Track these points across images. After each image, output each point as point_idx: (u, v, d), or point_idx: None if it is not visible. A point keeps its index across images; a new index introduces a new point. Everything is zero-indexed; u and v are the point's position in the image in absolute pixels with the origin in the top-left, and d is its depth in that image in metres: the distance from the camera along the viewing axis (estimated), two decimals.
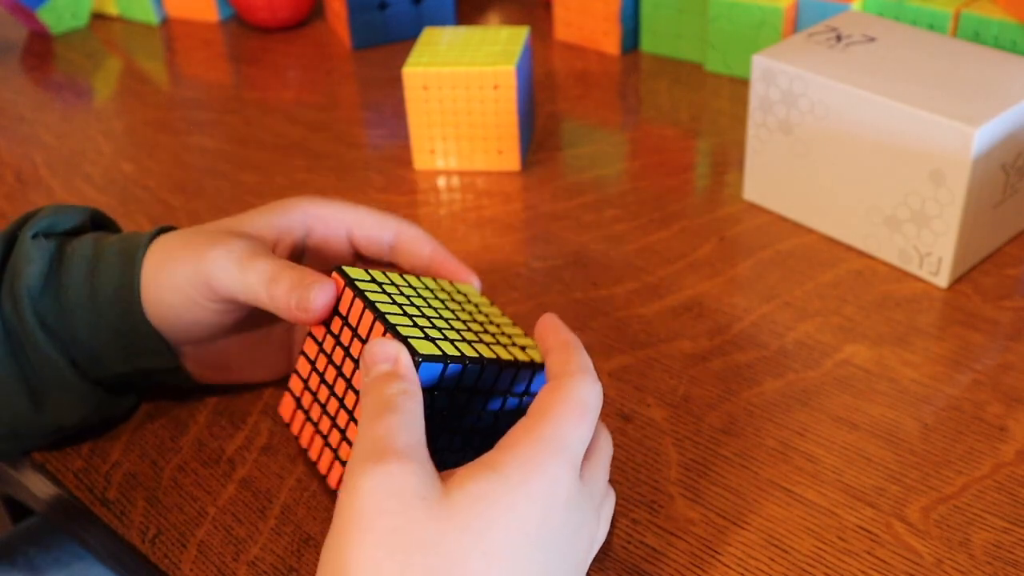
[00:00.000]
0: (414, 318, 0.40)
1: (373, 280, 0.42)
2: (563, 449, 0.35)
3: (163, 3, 0.98)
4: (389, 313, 0.40)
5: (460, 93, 0.66)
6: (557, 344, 0.40)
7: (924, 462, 0.46)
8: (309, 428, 0.43)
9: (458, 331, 0.41)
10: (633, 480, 0.46)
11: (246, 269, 0.43)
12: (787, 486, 0.45)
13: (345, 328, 0.41)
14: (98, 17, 1.00)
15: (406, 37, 0.89)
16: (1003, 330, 0.53)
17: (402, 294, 0.42)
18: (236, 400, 0.51)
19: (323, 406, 0.42)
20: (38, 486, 0.50)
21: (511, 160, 0.69)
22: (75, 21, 0.97)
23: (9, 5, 0.94)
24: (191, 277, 0.44)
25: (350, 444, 0.41)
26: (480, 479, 0.34)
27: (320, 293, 0.41)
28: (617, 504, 0.45)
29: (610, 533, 0.43)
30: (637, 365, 0.52)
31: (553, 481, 0.35)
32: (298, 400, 0.44)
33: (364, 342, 0.40)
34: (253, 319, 0.48)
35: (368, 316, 0.40)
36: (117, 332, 0.46)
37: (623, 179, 0.69)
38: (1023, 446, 0.46)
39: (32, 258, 0.45)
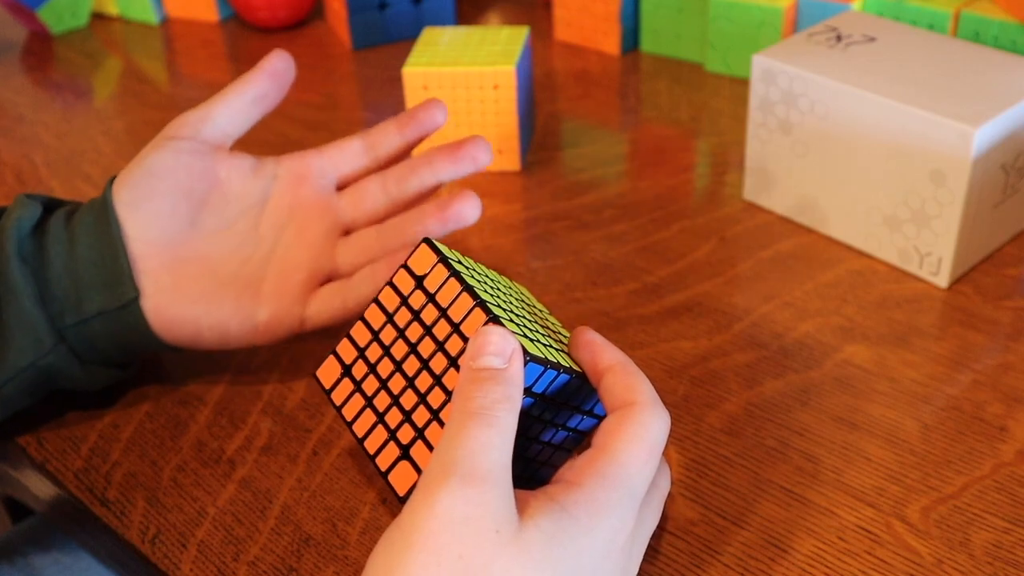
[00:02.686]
0: (509, 313, 0.38)
1: (460, 261, 0.40)
2: (629, 490, 0.35)
3: (163, 3, 0.98)
4: (490, 303, 0.37)
5: (460, 93, 0.66)
6: (613, 365, 0.38)
7: (924, 462, 0.46)
8: (359, 403, 0.40)
9: (544, 336, 0.39)
10: None
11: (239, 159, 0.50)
12: (787, 486, 0.45)
13: (430, 306, 0.38)
14: (98, 17, 1.00)
15: (406, 37, 0.89)
16: (1003, 330, 0.53)
17: (488, 283, 0.39)
18: (236, 400, 0.51)
19: (385, 386, 0.39)
20: (38, 486, 0.50)
21: (511, 160, 0.69)
22: (75, 21, 0.97)
23: (9, 5, 0.94)
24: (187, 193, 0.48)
25: (429, 446, 0.37)
26: (553, 518, 0.33)
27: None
28: None
29: None
30: (637, 365, 0.52)
31: (618, 525, 0.35)
32: (348, 369, 0.41)
33: (455, 327, 0.37)
34: (217, 227, 0.49)
35: (466, 299, 0.37)
36: (87, 259, 0.47)
37: (623, 179, 0.69)
38: (1023, 446, 0.46)
39: (25, 204, 0.48)
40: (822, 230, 0.61)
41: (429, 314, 0.38)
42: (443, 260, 0.39)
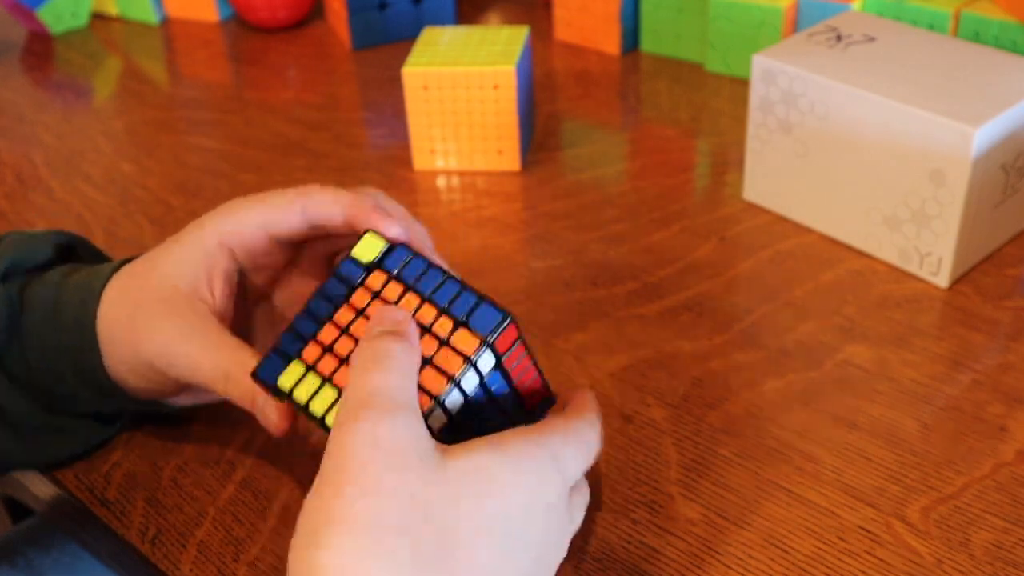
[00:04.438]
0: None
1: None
2: (558, 462, 0.36)
3: (163, 3, 0.98)
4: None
5: (460, 93, 0.66)
6: (578, 395, 0.41)
7: (924, 462, 0.46)
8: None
9: None
10: (633, 480, 0.46)
11: (200, 366, 0.41)
12: (787, 486, 0.45)
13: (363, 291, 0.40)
14: (98, 17, 0.99)
15: (406, 37, 0.88)
16: (1003, 330, 0.53)
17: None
18: None
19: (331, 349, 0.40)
20: (38, 486, 0.50)
21: (511, 160, 0.69)
22: (75, 21, 0.97)
23: (9, 5, 0.94)
24: (148, 365, 0.43)
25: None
26: (483, 452, 0.34)
27: (275, 423, 0.40)
28: (617, 504, 0.45)
29: (591, 533, 0.43)
30: (637, 365, 0.52)
31: (545, 481, 0.35)
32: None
33: (441, 308, 0.38)
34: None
35: (412, 296, 0.39)
36: (81, 382, 0.45)
37: (623, 179, 0.69)
38: (1023, 446, 0.46)
39: None
40: (822, 230, 0.61)
41: (384, 301, 0.39)
42: (388, 249, 0.40)
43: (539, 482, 0.35)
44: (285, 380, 0.39)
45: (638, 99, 0.79)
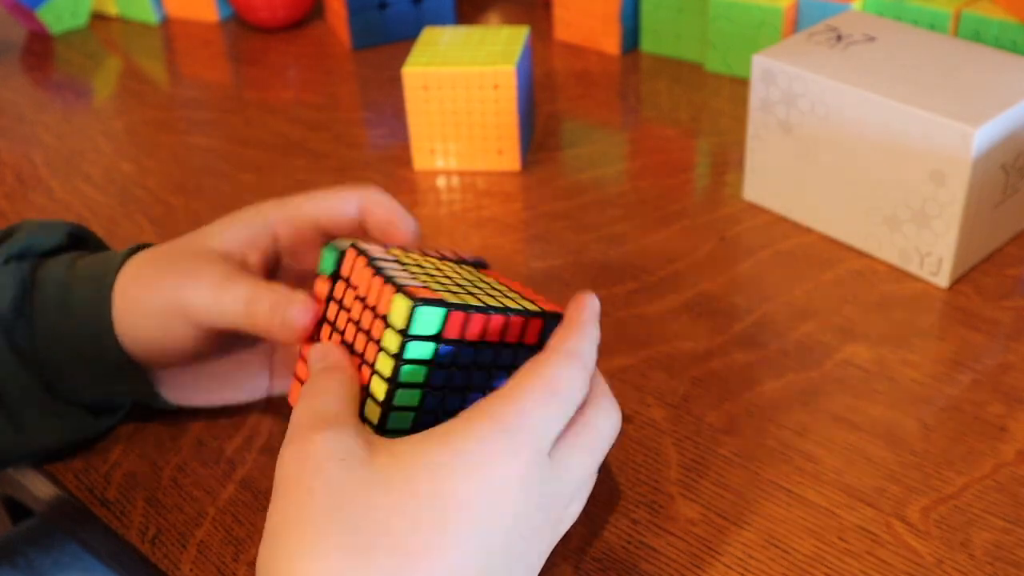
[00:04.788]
0: (421, 279, 0.39)
1: (388, 255, 0.41)
2: (519, 430, 0.34)
3: (163, 3, 0.98)
4: (395, 274, 0.39)
5: (460, 93, 0.66)
6: (568, 321, 0.39)
7: (924, 462, 0.46)
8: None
9: (467, 290, 0.40)
10: (633, 480, 0.46)
11: (222, 295, 0.42)
12: (787, 486, 0.45)
13: (349, 293, 0.40)
14: (98, 17, 1.00)
15: (406, 37, 0.88)
16: (1003, 330, 0.53)
17: (419, 266, 0.41)
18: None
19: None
20: (38, 486, 0.50)
21: (511, 160, 0.69)
22: (75, 21, 0.97)
23: (9, 5, 0.94)
24: (166, 306, 0.43)
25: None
26: (417, 443, 0.34)
27: (301, 311, 0.41)
28: (617, 504, 0.45)
29: (599, 529, 0.44)
30: (637, 365, 0.52)
31: (502, 461, 0.34)
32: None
33: (370, 307, 0.39)
34: (231, 341, 0.47)
35: (376, 279, 0.38)
36: (90, 359, 0.45)
37: (623, 179, 0.69)
38: (1023, 446, 0.46)
39: (4, 283, 0.45)
40: (822, 230, 0.61)
41: (350, 302, 0.40)
42: (360, 253, 0.40)
43: (494, 464, 0.34)
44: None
45: (638, 99, 0.79)
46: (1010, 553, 0.42)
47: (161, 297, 0.44)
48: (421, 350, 0.37)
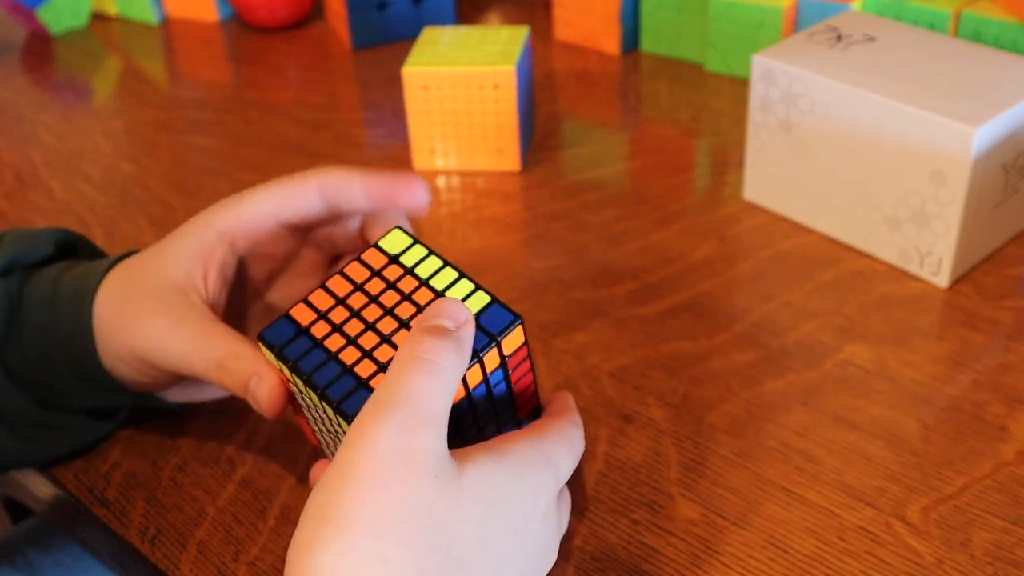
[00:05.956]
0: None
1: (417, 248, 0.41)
2: (553, 465, 0.37)
3: (163, 3, 0.98)
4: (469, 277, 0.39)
5: (460, 93, 0.66)
6: (559, 397, 0.42)
7: (924, 462, 0.46)
8: (321, 357, 0.39)
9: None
10: (633, 480, 0.46)
11: (191, 357, 0.41)
12: (787, 486, 0.45)
13: (408, 277, 0.39)
14: (98, 17, 0.99)
15: (406, 37, 0.88)
16: (1003, 330, 0.53)
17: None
18: (236, 400, 0.51)
19: (355, 342, 0.39)
20: (38, 486, 0.50)
21: (511, 160, 0.69)
22: (75, 21, 0.97)
23: (9, 5, 0.94)
24: (137, 353, 0.43)
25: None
26: (488, 460, 0.34)
27: (267, 397, 0.39)
28: (617, 504, 0.45)
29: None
30: (637, 365, 0.52)
31: (543, 486, 0.36)
32: (305, 329, 0.40)
33: (439, 293, 0.38)
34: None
35: (448, 272, 0.39)
36: (77, 376, 0.45)
37: (623, 179, 0.69)
38: (1023, 446, 0.46)
39: None
40: (822, 230, 0.61)
41: (407, 284, 0.39)
42: (418, 242, 0.40)
43: (537, 488, 0.36)
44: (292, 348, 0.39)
45: (638, 99, 0.79)
46: (1010, 553, 0.42)
47: (132, 348, 0.43)
48: (476, 377, 0.38)
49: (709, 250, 0.61)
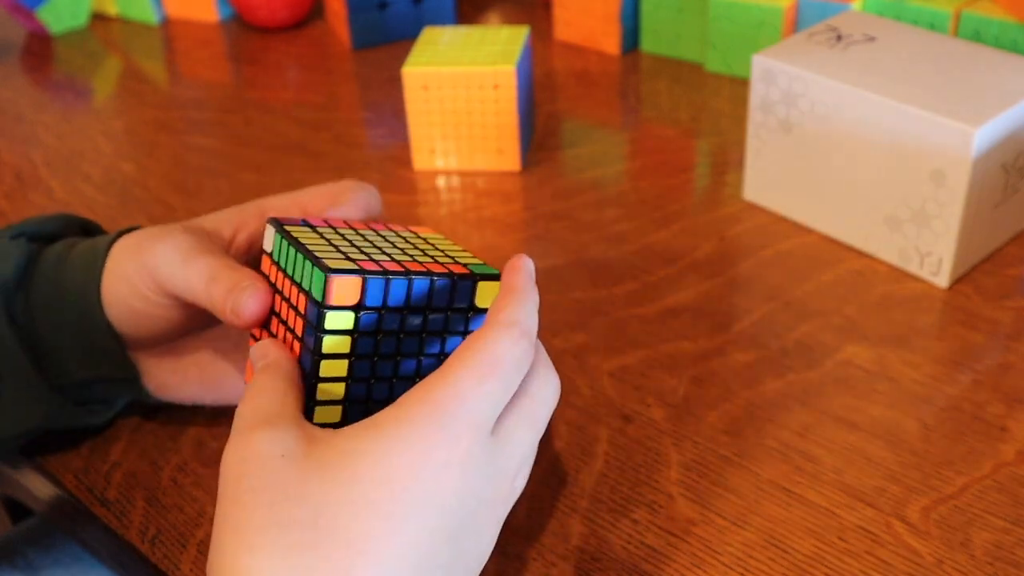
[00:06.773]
0: (342, 250, 0.39)
1: (313, 230, 0.41)
2: (457, 414, 0.33)
3: (163, 3, 0.98)
4: (313, 246, 0.38)
5: (460, 93, 0.66)
6: (504, 289, 0.37)
7: (924, 462, 0.46)
8: None
9: (391, 257, 0.39)
10: (633, 480, 0.46)
11: (188, 265, 0.42)
12: (787, 486, 0.45)
13: (279, 273, 0.40)
14: (97, 17, 0.99)
15: (406, 37, 0.89)
16: (1003, 330, 0.53)
17: (343, 238, 0.41)
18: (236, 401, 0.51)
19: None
20: (38, 486, 0.50)
21: (511, 160, 0.69)
22: (74, 21, 0.97)
23: (9, 5, 0.94)
24: (138, 269, 0.44)
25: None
26: (352, 434, 0.34)
27: (252, 299, 0.40)
28: (617, 504, 0.45)
29: (598, 531, 0.43)
30: (637, 365, 0.52)
31: (442, 445, 0.33)
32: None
33: (303, 290, 0.38)
34: (208, 325, 0.47)
35: (300, 259, 0.38)
36: (78, 331, 0.45)
37: (623, 179, 0.69)
38: (1023, 446, 0.46)
39: (11, 253, 0.46)
40: (822, 230, 0.61)
41: (287, 287, 0.39)
42: (280, 231, 0.40)
43: (432, 445, 0.33)
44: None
45: (638, 99, 0.79)
46: (1010, 553, 0.42)
47: (135, 260, 0.44)
48: (341, 320, 0.37)
49: (709, 250, 0.61)
